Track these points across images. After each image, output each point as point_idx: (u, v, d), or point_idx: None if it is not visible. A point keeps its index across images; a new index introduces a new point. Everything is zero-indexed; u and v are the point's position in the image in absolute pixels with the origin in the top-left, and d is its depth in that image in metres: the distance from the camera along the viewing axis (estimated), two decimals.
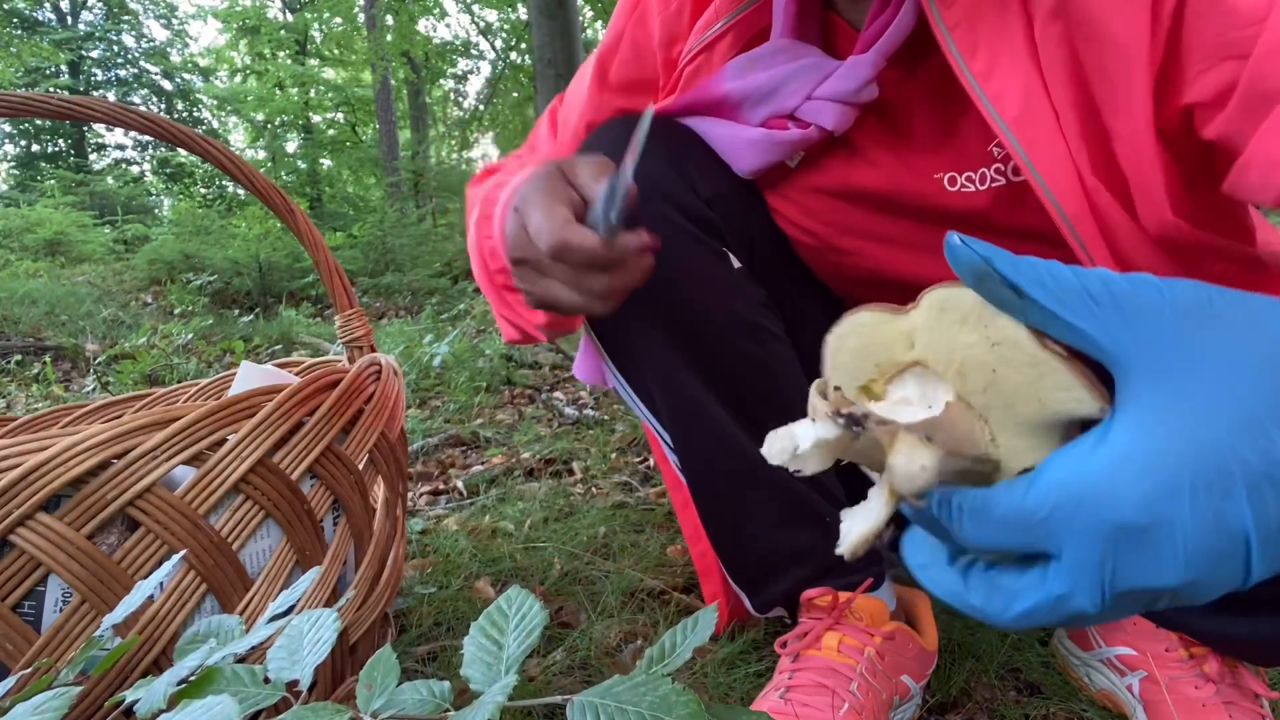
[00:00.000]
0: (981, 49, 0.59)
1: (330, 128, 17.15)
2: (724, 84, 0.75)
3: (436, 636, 1.03)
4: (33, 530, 0.60)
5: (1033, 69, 0.59)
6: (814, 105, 0.72)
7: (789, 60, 0.72)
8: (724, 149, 0.79)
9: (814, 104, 0.71)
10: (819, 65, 0.71)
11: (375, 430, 0.82)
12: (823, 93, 0.71)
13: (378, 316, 5.22)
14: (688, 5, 0.78)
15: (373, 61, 10.83)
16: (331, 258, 0.87)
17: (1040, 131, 0.59)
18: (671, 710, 0.35)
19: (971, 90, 0.59)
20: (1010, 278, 0.31)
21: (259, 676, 0.44)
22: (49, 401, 2.82)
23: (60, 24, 16.67)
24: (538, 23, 5.56)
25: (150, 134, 0.78)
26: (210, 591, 0.68)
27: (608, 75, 0.84)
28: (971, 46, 0.59)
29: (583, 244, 0.56)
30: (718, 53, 0.77)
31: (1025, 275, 0.31)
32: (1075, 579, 0.30)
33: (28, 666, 0.60)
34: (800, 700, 0.75)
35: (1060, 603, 0.30)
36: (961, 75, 0.60)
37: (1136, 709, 0.79)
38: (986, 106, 0.59)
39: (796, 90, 0.72)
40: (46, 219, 7.79)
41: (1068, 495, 0.30)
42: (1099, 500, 0.29)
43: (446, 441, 1.99)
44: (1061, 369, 0.31)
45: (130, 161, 18.01)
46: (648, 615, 1.04)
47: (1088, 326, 0.30)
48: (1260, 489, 0.28)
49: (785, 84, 0.72)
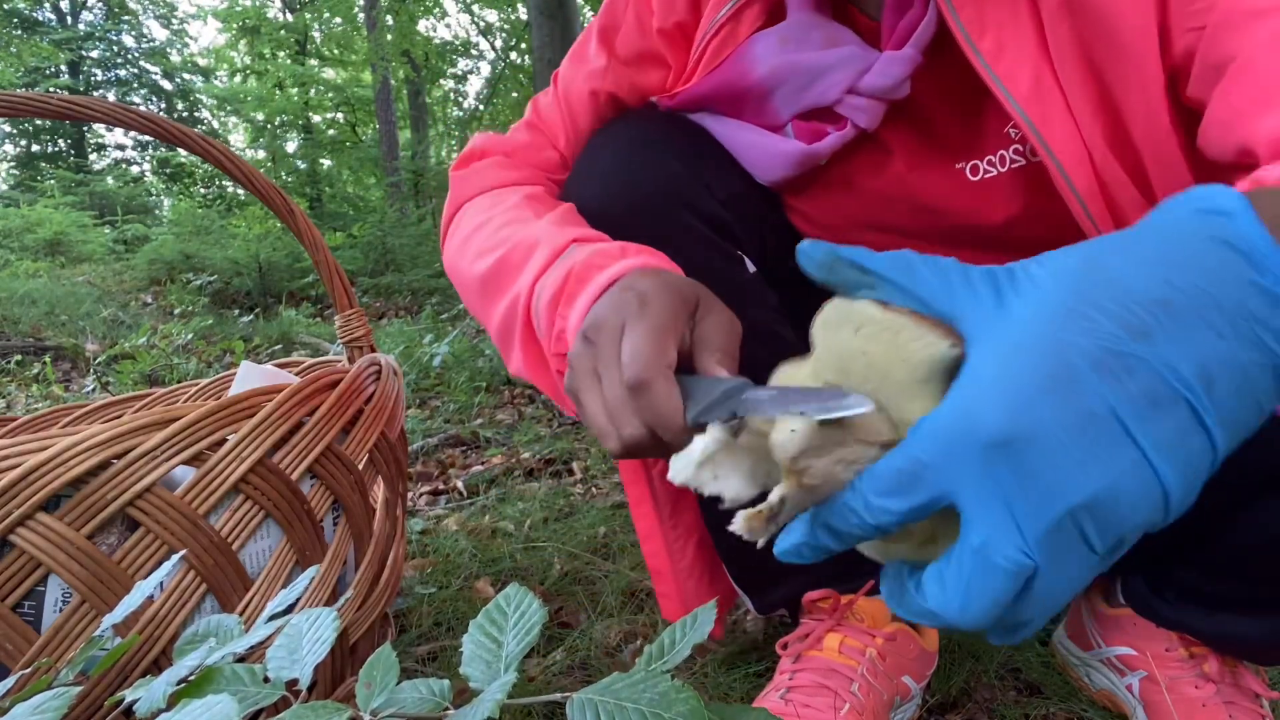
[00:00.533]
0: (989, 29, 0.60)
1: (330, 128, 17.15)
2: (756, 69, 0.72)
3: (436, 636, 1.03)
4: (33, 530, 0.60)
5: (1040, 47, 0.59)
6: (855, 101, 0.69)
7: (824, 43, 0.69)
8: (750, 158, 0.76)
9: (855, 100, 0.69)
10: (859, 56, 0.68)
11: (375, 430, 0.82)
12: (863, 87, 0.68)
13: (378, 316, 5.22)
14: None
15: (373, 62, 10.83)
16: (331, 258, 0.87)
17: (1051, 108, 0.59)
18: (671, 707, 0.35)
19: (983, 71, 0.60)
20: (852, 258, 0.35)
21: (259, 676, 0.44)
22: (49, 401, 2.82)
23: (60, 24, 16.67)
24: (538, 23, 5.56)
25: (150, 134, 0.78)
26: (210, 591, 0.68)
27: (615, 47, 0.80)
28: (980, 27, 0.60)
29: (664, 407, 0.45)
30: (744, 22, 0.73)
31: (864, 254, 0.35)
32: (983, 521, 0.30)
33: (28, 666, 0.60)
34: (801, 701, 0.75)
35: (985, 559, 0.30)
36: (973, 57, 0.60)
37: (1136, 709, 0.79)
38: (998, 85, 0.59)
39: (837, 82, 0.69)
40: (46, 219, 7.79)
41: (941, 431, 0.31)
42: (965, 426, 0.30)
43: (446, 441, 1.99)
44: (909, 323, 0.34)
45: (130, 161, 18.01)
46: (647, 615, 1.04)
47: (922, 289, 0.34)
48: (1105, 365, 0.29)
49: (826, 74, 0.69)
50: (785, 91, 0.71)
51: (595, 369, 0.50)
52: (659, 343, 0.47)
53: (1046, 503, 0.29)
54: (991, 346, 0.31)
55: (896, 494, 0.32)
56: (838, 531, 0.34)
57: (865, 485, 0.33)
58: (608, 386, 0.49)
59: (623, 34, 0.80)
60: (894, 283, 0.34)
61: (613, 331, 0.50)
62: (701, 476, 0.38)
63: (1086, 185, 0.60)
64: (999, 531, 0.29)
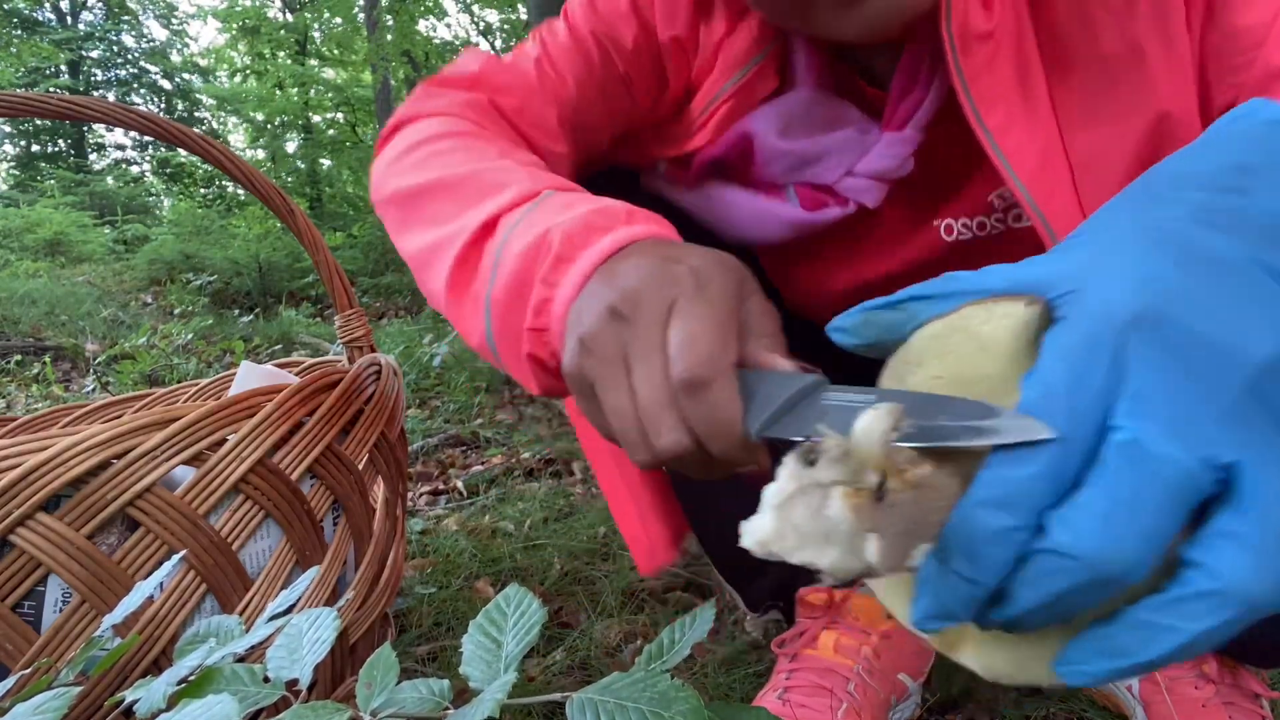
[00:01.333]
0: (1000, 102, 0.57)
1: (330, 128, 17.13)
2: (754, 148, 0.69)
3: (436, 636, 1.03)
4: (33, 530, 0.60)
5: (1050, 122, 0.58)
6: (854, 182, 0.67)
7: (825, 123, 0.67)
8: (742, 220, 0.72)
9: (854, 181, 0.67)
10: (855, 140, 0.66)
11: (375, 430, 0.82)
12: (864, 169, 0.66)
13: (378, 316, 5.22)
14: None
15: (373, 62, 10.83)
16: (331, 258, 0.87)
17: (1056, 187, 0.57)
18: (670, 706, 0.35)
19: (987, 144, 0.57)
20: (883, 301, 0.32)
21: (258, 676, 0.44)
22: (49, 401, 2.82)
23: (60, 24, 16.67)
24: (537, 23, 5.57)
25: (150, 134, 0.78)
26: (210, 591, 0.68)
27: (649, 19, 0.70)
28: (990, 100, 0.57)
29: (723, 413, 0.36)
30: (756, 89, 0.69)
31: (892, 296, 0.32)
32: (1161, 420, 0.24)
33: (28, 666, 0.60)
34: (798, 701, 0.75)
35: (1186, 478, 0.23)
36: (977, 129, 0.57)
37: (1136, 709, 0.79)
38: (1002, 161, 0.57)
39: (836, 165, 0.66)
40: (46, 219, 7.79)
41: (1069, 352, 0.25)
42: (1100, 310, 0.25)
43: (446, 441, 1.99)
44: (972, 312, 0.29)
45: (130, 161, 18.01)
46: (647, 615, 1.04)
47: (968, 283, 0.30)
48: (1213, 223, 0.26)
49: (825, 156, 0.67)
50: (781, 167, 0.69)
51: (625, 356, 0.40)
52: (722, 333, 0.38)
53: (1224, 364, 0.24)
54: (1078, 267, 0.27)
55: (1029, 461, 0.25)
56: (978, 559, 0.26)
57: (1011, 485, 0.25)
58: (644, 380, 0.38)
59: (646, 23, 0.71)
60: (935, 294, 0.30)
61: (657, 310, 0.39)
62: (785, 539, 0.27)
63: None
64: (1186, 429, 0.24)
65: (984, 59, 0.56)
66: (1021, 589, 0.26)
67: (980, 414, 0.26)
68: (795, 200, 0.69)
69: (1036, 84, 0.57)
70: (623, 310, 0.40)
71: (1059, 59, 0.57)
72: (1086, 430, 0.25)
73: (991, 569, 0.26)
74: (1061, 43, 0.56)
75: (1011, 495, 0.25)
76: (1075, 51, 0.56)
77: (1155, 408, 0.24)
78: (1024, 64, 0.57)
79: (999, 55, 0.56)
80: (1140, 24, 0.54)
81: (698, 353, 0.37)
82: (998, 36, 0.56)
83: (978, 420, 0.26)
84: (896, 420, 0.25)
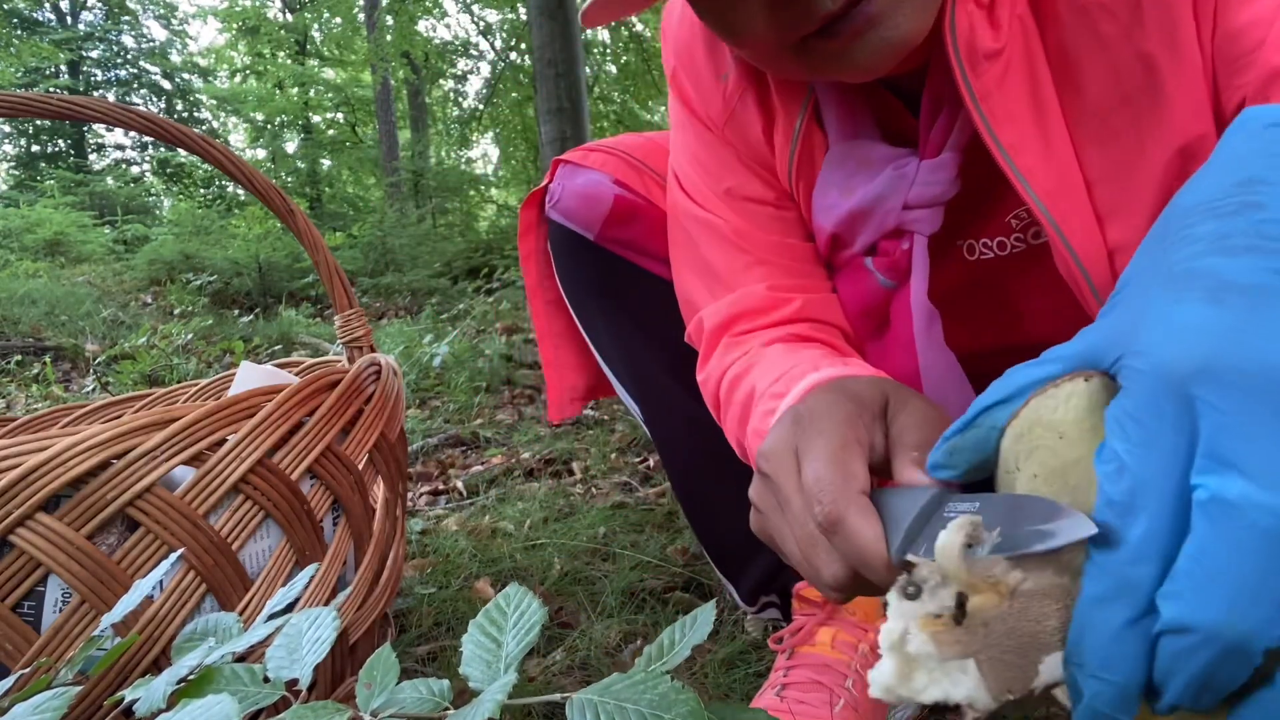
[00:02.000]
0: (1013, 120, 0.57)
1: (330, 128, 17.14)
2: (826, 228, 0.69)
3: (436, 636, 1.03)
4: (33, 530, 0.60)
5: (1065, 139, 0.57)
6: (912, 215, 0.66)
7: (859, 172, 0.66)
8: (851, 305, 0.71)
9: (911, 214, 0.66)
10: (900, 175, 0.65)
11: (375, 430, 0.82)
12: (916, 200, 0.65)
13: (378, 316, 5.22)
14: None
15: (373, 62, 10.83)
16: (331, 258, 0.87)
17: (1074, 204, 0.57)
18: (671, 707, 0.35)
19: (1003, 162, 0.57)
20: (959, 423, 0.33)
21: (258, 675, 0.44)
22: (49, 401, 2.82)
23: (60, 24, 16.67)
24: (538, 23, 5.56)
25: (150, 134, 0.78)
26: (210, 591, 0.68)
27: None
28: (1003, 118, 0.57)
29: (862, 543, 0.37)
30: (814, 146, 0.69)
31: (982, 402, 0.32)
32: (1241, 467, 0.23)
33: (27, 666, 0.60)
34: (796, 697, 0.75)
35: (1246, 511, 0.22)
36: (993, 147, 0.57)
37: None
38: (1020, 179, 0.57)
39: (892, 208, 0.66)
40: (46, 219, 7.80)
41: (1127, 423, 0.25)
42: (1148, 371, 0.25)
43: (446, 441, 1.99)
44: (1038, 403, 0.30)
45: (130, 161, 18.01)
46: (647, 615, 1.04)
47: (1029, 375, 0.31)
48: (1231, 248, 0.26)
49: (878, 204, 0.66)
50: (861, 244, 0.69)
51: (779, 506, 0.45)
52: (841, 465, 0.40)
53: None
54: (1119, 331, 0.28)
55: (1120, 547, 0.24)
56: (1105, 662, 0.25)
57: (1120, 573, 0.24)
58: (795, 525, 0.42)
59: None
60: (1002, 399, 0.31)
61: (786, 462, 0.44)
62: (913, 680, 0.26)
63: (1102, 279, 0.58)
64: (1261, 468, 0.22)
65: (994, 77, 0.56)
66: (1166, 677, 0.24)
67: (1047, 514, 0.26)
68: (878, 274, 0.69)
69: (1048, 100, 0.57)
70: (765, 469, 0.46)
71: (1069, 74, 0.56)
72: (1164, 499, 0.24)
73: (1126, 665, 0.24)
74: (1071, 58, 0.56)
75: (1118, 586, 0.24)
76: (1085, 66, 0.56)
77: (1231, 456, 0.23)
78: (1035, 81, 0.57)
79: (1010, 73, 0.56)
80: (1149, 36, 0.53)
81: (825, 493, 0.39)
82: (1007, 54, 0.55)
83: (1042, 523, 0.26)
84: (971, 533, 0.25)
